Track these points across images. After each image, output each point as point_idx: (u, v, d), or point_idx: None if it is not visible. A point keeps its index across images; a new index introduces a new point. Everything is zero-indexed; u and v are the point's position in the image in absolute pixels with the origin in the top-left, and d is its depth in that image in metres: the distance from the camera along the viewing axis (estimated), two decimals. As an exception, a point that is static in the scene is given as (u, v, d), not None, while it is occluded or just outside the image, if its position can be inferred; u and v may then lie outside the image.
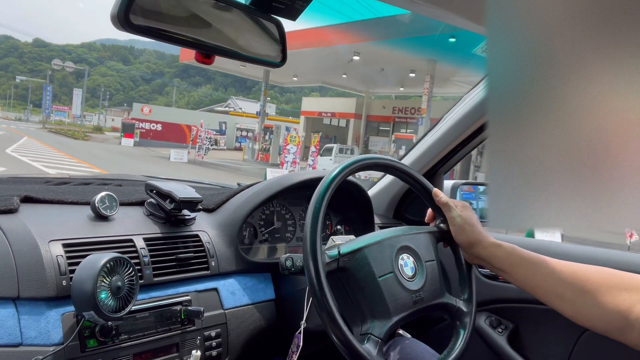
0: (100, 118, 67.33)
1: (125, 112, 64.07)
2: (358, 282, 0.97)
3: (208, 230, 1.22)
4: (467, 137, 1.56)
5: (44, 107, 53.10)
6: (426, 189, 1.14)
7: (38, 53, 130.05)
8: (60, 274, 0.89)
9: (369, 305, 0.96)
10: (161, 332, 1.01)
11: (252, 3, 0.81)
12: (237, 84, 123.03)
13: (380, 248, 1.00)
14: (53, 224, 0.97)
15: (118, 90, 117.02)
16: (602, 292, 0.83)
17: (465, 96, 1.56)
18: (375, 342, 0.92)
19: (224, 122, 33.86)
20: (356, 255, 0.98)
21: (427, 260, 1.05)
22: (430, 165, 1.65)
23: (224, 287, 1.17)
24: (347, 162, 1.04)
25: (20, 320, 0.83)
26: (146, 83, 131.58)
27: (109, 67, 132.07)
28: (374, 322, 0.94)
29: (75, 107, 52.14)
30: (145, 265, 1.03)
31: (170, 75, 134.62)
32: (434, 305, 1.02)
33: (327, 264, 0.94)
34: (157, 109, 36.61)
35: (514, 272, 0.97)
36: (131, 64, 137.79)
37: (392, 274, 0.98)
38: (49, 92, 52.98)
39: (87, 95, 72.26)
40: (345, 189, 1.46)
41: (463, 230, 1.04)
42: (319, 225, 0.94)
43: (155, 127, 30.68)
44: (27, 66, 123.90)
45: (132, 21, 0.67)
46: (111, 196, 1.07)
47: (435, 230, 1.11)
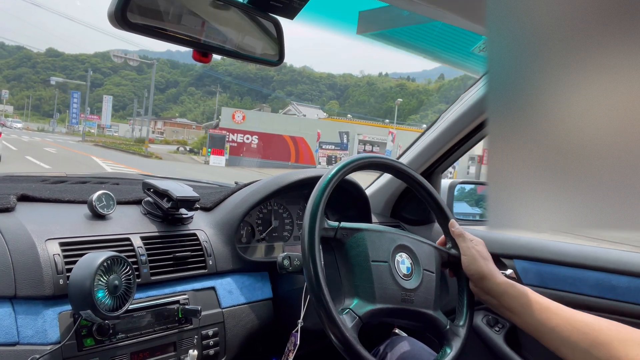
0: (128, 129, 61.90)
1: (152, 122, 62.26)
2: (350, 259, 0.97)
3: (205, 229, 1.21)
4: (465, 135, 1.56)
5: (72, 115, 46.12)
6: (444, 215, 1.14)
7: (51, 63, 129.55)
8: (57, 272, 0.89)
9: (356, 283, 0.96)
10: (158, 331, 1.01)
11: (250, 1, 0.81)
12: (253, 92, 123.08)
13: (380, 237, 1.01)
14: (50, 223, 0.97)
15: (132, 99, 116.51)
16: (616, 345, 0.80)
17: (463, 95, 1.56)
18: (352, 317, 0.91)
19: (345, 133, 24.71)
20: (355, 234, 0.98)
21: (426, 269, 1.03)
22: (428, 164, 1.66)
23: (222, 286, 1.17)
24: (346, 160, 1.04)
25: (17, 319, 0.83)
26: (160, 92, 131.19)
27: (122, 76, 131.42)
28: (356, 300, 0.94)
29: (105, 117, 46.25)
30: (142, 264, 1.02)
31: (184, 84, 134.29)
32: (422, 313, 1.00)
33: (324, 228, 0.95)
34: (252, 114, 27.34)
35: (525, 314, 0.93)
36: (145, 73, 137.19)
37: (387, 263, 0.98)
38: (77, 99, 45.93)
39: (99, 105, 70.03)
40: (343, 187, 1.46)
41: (475, 261, 1.02)
42: (323, 199, 0.95)
43: (251, 140, 23.14)
44: (40, 76, 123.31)
45: (130, 19, 0.67)
46: (108, 195, 1.07)
47: (443, 250, 1.09)
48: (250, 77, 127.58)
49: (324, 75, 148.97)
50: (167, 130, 66.54)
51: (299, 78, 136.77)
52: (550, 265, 1.41)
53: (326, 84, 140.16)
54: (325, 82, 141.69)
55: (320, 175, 1.02)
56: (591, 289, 1.32)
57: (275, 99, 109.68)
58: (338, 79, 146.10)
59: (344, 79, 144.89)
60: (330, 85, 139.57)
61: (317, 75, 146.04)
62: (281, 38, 0.87)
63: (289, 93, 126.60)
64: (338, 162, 1.05)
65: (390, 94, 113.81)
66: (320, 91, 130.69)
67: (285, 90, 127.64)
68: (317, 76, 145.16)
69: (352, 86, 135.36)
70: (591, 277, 1.32)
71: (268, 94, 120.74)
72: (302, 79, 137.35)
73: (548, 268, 1.41)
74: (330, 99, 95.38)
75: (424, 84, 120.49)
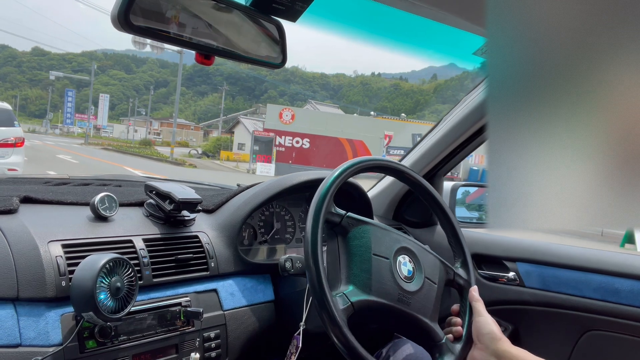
0: (123, 130, 60.20)
1: (146, 122, 59.08)
2: (351, 248, 0.97)
3: (207, 231, 1.22)
4: (466, 138, 1.56)
5: (66, 115, 42.50)
6: (447, 218, 1.13)
7: (37, 62, 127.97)
8: (60, 274, 0.89)
9: (354, 271, 0.96)
10: (160, 333, 1.01)
11: (252, 4, 0.81)
12: (245, 92, 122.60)
13: (385, 234, 1.01)
14: (52, 225, 0.97)
15: (121, 99, 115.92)
16: None
17: (464, 98, 1.56)
18: (345, 301, 0.91)
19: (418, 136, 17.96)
20: (360, 225, 0.99)
21: (428, 278, 1.02)
22: (430, 166, 1.66)
23: (224, 288, 1.17)
24: (349, 163, 1.04)
25: (20, 320, 0.83)
26: (150, 92, 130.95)
27: (111, 76, 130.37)
28: (352, 287, 0.94)
29: (101, 116, 42.84)
30: (144, 266, 1.03)
31: (174, 84, 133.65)
32: (418, 320, 0.98)
33: (329, 212, 0.96)
34: (302, 113, 22.50)
35: None
36: (134, 73, 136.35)
37: (388, 260, 0.98)
38: (72, 98, 41.56)
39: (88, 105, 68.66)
40: (345, 190, 1.46)
41: (490, 324, 0.97)
42: (332, 191, 0.96)
43: (301, 144, 19.03)
44: (26, 75, 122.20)
45: (133, 22, 0.67)
46: (111, 197, 1.07)
47: (449, 267, 1.08)
48: (242, 77, 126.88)
49: (317, 75, 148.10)
50: (163, 131, 63.75)
51: (292, 78, 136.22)
52: (553, 268, 1.40)
53: (319, 84, 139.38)
54: (318, 82, 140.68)
55: (322, 177, 1.02)
56: (594, 292, 1.31)
57: (268, 99, 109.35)
58: (331, 78, 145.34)
59: (337, 79, 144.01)
60: (323, 85, 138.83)
61: (310, 75, 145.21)
62: (283, 40, 0.88)
63: (282, 93, 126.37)
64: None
65: (384, 94, 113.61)
66: (313, 91, 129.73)
67: (279, 90, 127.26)
68: (310, 76, 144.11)
69: (345, 86, 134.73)
70: (594, 280, 1.32)
71: (260, 94, 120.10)
72: (295, 79, 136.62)
73: (551, 271, 1.40)
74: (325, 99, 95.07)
75: (418, 84, 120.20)
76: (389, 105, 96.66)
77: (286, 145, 19.04)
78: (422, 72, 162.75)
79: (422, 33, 12.51)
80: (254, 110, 58.66)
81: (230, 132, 40.23)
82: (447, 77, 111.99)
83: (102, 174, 1.79)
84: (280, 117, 19.66)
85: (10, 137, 7.12)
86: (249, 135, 23.01)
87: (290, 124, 19.50)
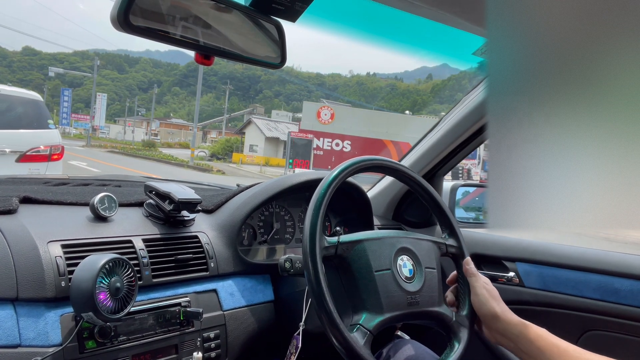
0: (119, 130, 58.29)
1: (146, 123, 57.64)
2: (354, 272, 0.97)
3: (207, 231, 1.22)
4: (466, 138, 1.56)
5: (62, 116, 39.55)
6: (446, 218, 1.13)
7: (28, 62, 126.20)
8: (59, 274, 0.89)
9: (362, 297, 0.96)
10: (160, 333, 1.01)
11: (251, 4, 0.81)
12: (239, 92, 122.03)
13: (380, 244, 1.00)
14: (52, 225, 0.97)
15: (114, 100, 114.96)
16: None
17: (464, 98, 1.56)
18: (363, 332, 0.91)
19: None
20: (355, 246, 0.98)
21: (427, 267, 1.04)
22: (430, 166, 1.66)
23: (223, 288, 1.17)
24: (347, 163, 1.04)
25: (19, 321, 0.83)
26: (143, 92, 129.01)
27: (103, 75, 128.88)
28: (365, 314, 0.94)
29: (98, 117, 40.90)
30: (144, 266, 1.02)
31: (168, 84, 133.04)
32: (428, 312, 1.01)
33: (325, 247, 0.95)
34: (342, 111, 19.25)
35: (543, 359, 0.88)
36: (127, 73, 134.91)
37: (390, 271, 0.98)
38: (68, 97, 39.00)
39: (81, 105, 66.45)
40: (344, 190, 1.46)
41: (487, 301, 0.98)
42: (321, 212, 0.95)
43: (341, 147, 16.69)
44: (17, 75, 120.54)
45: (132, 22, 0.67)
46: (110, 197, 1.07)
47: (440, 242, 1.10)
48: (237, 77, 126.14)
49: (312, 74, 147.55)
50: (161, 131, 62.04)
51: (287, 78, 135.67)
52: (553, 268, 1.40)
53: (315, 84, 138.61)
54: (313, 81, 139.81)
55: (321, 177, 1.02)
56: (593, 292, 1.31)
57: (264, 99, 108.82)
58: (327, 78, 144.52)
59: (333, 79, 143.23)
60: (319, 85, 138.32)
61: (305, 75, 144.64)
62: (283, 40, 0.88)
63: (277, 93, 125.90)
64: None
65: (381, 94, 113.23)
66: (309, 91, 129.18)
67: (274, 90, 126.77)
68: (305, 76, 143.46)
69: (341, 86, 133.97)
70: (593, 279, 1.32)
71: (255, 94, 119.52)
72: (291, 78, 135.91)
73: (550, 271, 1.40)
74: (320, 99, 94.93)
75: (414, 84, 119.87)
76: (386, 106, 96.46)
77: (324, 149, 16.92)
78: (415, 72, 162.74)
79: (415, 33, 12.25)
80: (250, 110, 57.96)
81: (241, 133, 38.92)
82: (442, 77, 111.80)
83: (101, 174, 1.79)
84: (319, 116, 17.35)
85: (41, 146, 4.79)
86: (261, 136, 20.92)
87: (329, 124, 17.20)
